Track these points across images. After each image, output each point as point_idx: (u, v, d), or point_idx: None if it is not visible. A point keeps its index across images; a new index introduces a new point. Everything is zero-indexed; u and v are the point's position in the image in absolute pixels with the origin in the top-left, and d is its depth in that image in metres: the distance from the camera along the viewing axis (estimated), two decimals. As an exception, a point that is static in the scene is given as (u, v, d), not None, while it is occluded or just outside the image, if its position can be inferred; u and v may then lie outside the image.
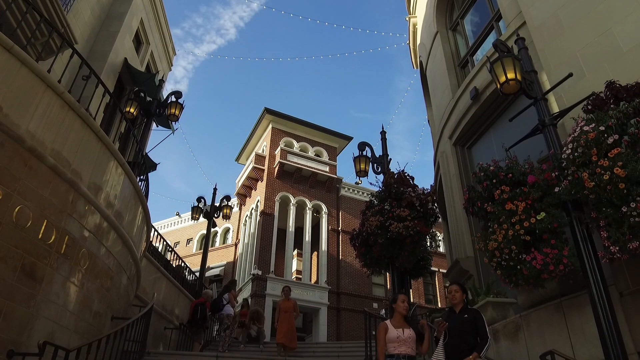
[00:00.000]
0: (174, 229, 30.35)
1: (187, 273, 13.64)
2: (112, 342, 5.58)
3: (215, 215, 15.66)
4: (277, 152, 24.29)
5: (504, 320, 5.66)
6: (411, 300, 4.94)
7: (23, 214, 4.60)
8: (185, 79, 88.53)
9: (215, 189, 16.16)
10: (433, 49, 10.68)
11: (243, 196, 26.87)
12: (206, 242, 15.55)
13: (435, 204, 7.21)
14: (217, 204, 15.87)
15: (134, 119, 9.94)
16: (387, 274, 11.90)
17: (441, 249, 25.25)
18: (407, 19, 13.84)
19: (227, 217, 15.99)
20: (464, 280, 7.70)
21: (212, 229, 16.61)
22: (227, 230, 28.46)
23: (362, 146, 8.83)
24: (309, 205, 24.16)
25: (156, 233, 12.11)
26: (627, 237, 3.71)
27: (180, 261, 13.39)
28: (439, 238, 22.48)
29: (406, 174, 7.38)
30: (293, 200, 23.88)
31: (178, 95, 9.83)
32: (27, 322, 4.61)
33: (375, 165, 8.68)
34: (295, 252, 24.20)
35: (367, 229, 6.95)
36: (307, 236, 23.23)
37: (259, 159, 25.01)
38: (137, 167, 7.97)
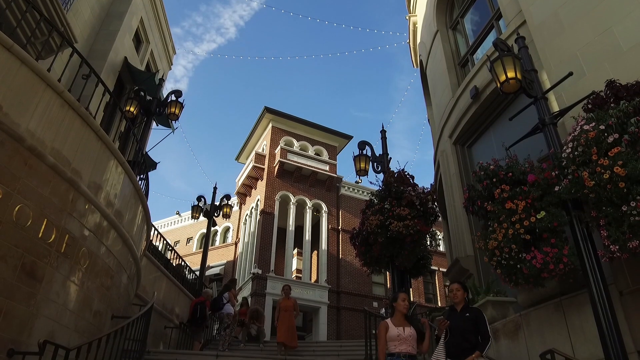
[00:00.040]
0: (174, 228, 30.39)
1: (187, 272, 13.65)
2: (113, 341, 5.58)
3: (215, 214, 15.68)
4: (277, 151, 24.30)
5: (504, 319, 5.66)
6: (411, 299, 4.95)
7: (23, 213, 4.60)
8: (185, 78, 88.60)
9: (215, 188, 16.20)
10: (433, 48, 10.67)
11: (243, 195, 26.88)
12: (206, 241, 15.57)
13: (435, 203, 7.22)
14: (217, 203, 15.90)
15: (134, 118, 9.94)
16: (387, 273, 11.88)
17: (441, 248, 25.26)
18: (407, 17, 13.83)
19: (227, 216, 16.03)
20: (464, 279, 7.70)
21: (212, 228, 16.63)
22: (227, 229, 28.48)
23: (362, 145, 8.83)
24: (309, 204, 24.17)
25: (156, 232, 12.11)
26: (627, 236, 3.71)
27: (181, 260, 13.40)
28: (439, 237, 22.48)
29: (406, 173, 7.39)
30: (293, 199, 23.89)
31: (178, 94, 9.84)
32: (27, 321, 4.61)
33: (375, 164, 8.69)
34: (295, 251, 24.21)
35: (367, 227, 6.96)
36: (307, 235, 23.25)
37: (259, 158, 25.02)
38: (137, 166, 7.97)
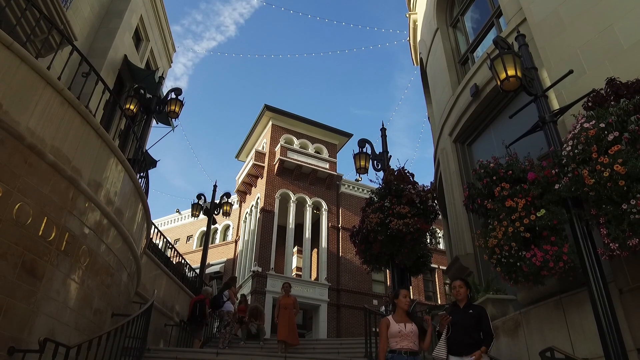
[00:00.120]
0: (174, 226, 30.41)
1: (187, 270, 13.66)
2: (113, 338, 5.58)
3: (215, 212, 15.69)
4: (277, 149, 24.29)
5: (503, 317, 5.67)
6: (411, 297, 4.96)
7: (23, 211, 4.61)
8: (185, 75, 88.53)
9: (215, 186, 16.18)
10: (433, 46, 10.66)
11: (243, 193, 26.88)
12: (206, 239, 15.57)
13: (435, 201, 7.23)
14: (217, 201, 15.90)
15: (133, 116, 9.93)
16: (387, 271, 11.91)
17: (441, 246, 25.28)
18: (407, 15, 13.81)
19: (227, 214, 16.03)
20: (464, 276, 7.70)
21: (212, 226, 16.62)
22: (227, 227, 28.49)
23: (362, 143, 8.84)
24: (309, 202, 24.18)
25: (156, 230, 12.11)
26: (627, 234, 3.71)
27: (181, 258, 13.40)
28: (439, 235, 22.52)
29: (406, 171, 7.39)
30: (293, 197, 23.90)
31: (178, 92, 9.83)
32: (27, 319, 4.62)
33: (375, 162, 8.69)
34: (295, 249, 24.23)
35: (367, 226, 6.97)
36: (307, 233, 23.26)
37: (259, 156, 25.01)
38: (137, 164, 7.97)
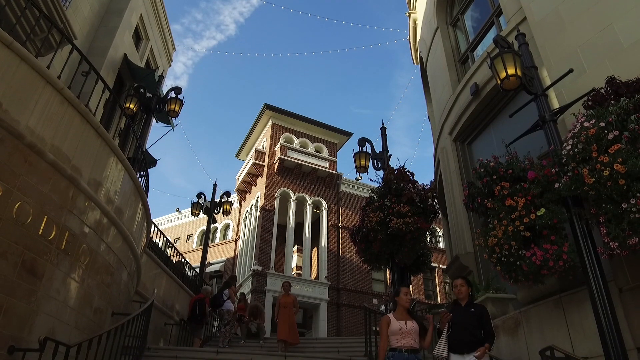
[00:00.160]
0: (174, 225, 30.40)
1: (187, 269, 13.66)
2: (113, 337, 5.59)
3: (215, 211, 15.68)
4: (277, 148, 24.27)
5: (503, 316, 5.67)
6: (411, 295, 4.97)
7: (23, 210, 4.61)
8: (184, 74, 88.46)
9: (215, 185, 16.17)
10: (433, 45, 10.65)
11: (243, 192, 26.87)
12: (206, 238, 15.57)
13: (435, 200, 7.23)
14: (217, 200, 15.90)
15: (133, 115, 9.92)
16: (387, 270, 11.92)
17: (441, 245, 25.27)
18: (407, 14, 13.79)
19: (227, 213, 16.02)
20: (464, 275, 7.71)
21: (212, 225, 16.63)
22: (227, 226, 28.49)
23: (362, 142, 8.83)
24: (309, 201, 24.18)
25: (156, 229, 12.11)
26: (627, 233, 3.71)
27: (181, 257, 13.40)
28: (439, 234, 22.51)
29: (406, 170, 7.39)
30: (293, 196, 23.89)
31: (178, 91, 9.83)
32: (27, 318, 4.62)
33: (375, 161, 8.69)
34: (295, 248, 24.23)
35: (367, 225, 6.97)
36: (307, 232, 23.26)
37: (259, 155, 25.00)
38: (137, 163, 7.97)
